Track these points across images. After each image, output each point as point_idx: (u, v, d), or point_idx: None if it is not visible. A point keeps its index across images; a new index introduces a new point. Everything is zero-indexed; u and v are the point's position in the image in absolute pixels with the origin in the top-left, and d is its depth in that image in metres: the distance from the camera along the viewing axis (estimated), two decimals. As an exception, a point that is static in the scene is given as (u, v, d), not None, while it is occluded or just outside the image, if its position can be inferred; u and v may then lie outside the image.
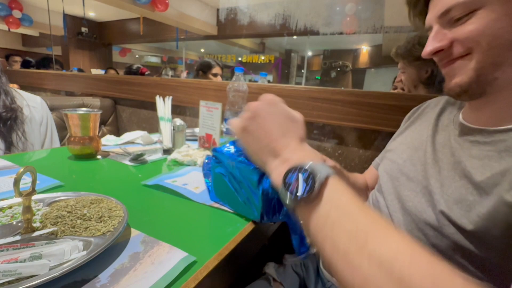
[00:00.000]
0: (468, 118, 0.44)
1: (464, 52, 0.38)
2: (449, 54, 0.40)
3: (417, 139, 0.51)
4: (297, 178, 0.29)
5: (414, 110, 0.61)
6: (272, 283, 0.56)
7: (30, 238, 0.32)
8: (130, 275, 0.30)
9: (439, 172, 0.43)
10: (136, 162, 0.71)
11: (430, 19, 0.42)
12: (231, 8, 4.71)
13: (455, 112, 0.49)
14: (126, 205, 0.40)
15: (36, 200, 0.40)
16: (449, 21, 0.39)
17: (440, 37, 0.40)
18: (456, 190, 0.38)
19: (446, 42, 0.39)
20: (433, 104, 0.56)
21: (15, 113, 0.83)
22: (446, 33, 0.39)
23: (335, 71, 6.54)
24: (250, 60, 6.95)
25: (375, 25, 3.58)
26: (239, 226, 0.43)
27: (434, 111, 0.53)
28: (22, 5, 4.77)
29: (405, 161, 0.50)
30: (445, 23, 0.40)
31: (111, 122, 1.61)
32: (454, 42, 0.39)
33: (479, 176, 0.36)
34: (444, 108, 0.52)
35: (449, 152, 0.43)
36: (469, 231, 0.35)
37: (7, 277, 0.25)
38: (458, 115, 0.47)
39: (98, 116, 0.73)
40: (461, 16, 0.37)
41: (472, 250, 0.36)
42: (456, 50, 0.39)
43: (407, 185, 0.47)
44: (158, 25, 4.90)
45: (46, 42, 6.08)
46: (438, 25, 0.40)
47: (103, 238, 0.33)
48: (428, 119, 0.53)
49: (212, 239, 0.39)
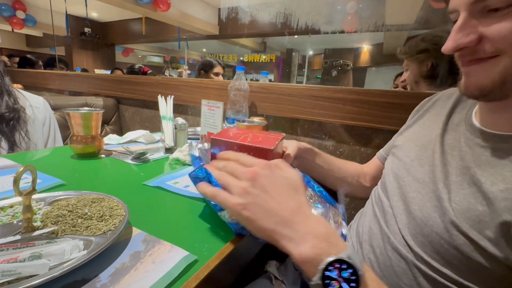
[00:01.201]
0: (481, 120, 0.40)
1: (492, 54, 0.33)
2: (474, 51, 0.34)
3: (426, 136, 0.48)
4: (339, 275, 0.27)
5: (424, 102, 0.57)
6: (274, 281, 0.56)
7: (30, 237, 0.32)
8: (131, 274, 0.29)
9: (447, 177, 0.39)
10: (138, 161, 0.71)
11: (460, 2, 0.34)
12: (232, 7, 4.71)
13: (467, 108, 0.45)
14: (128, 204, 0.40)
15: (37, 199, 0.40)
16: (482, 10, 0.32)
17: (468, 30, 0.33)
18: (464, 198, 0.36)
19: (474, 37, 0.33)
20: (445, 97, 0.52)
21: (17, 113, 0.83)
22: (476, 25, 0.33)
23: (336, 70, 6.52)
24: (251, 59, 6.95)
25: (376, 23, 3.56)
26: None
27: (446, 106, 0.49)
28: (25, 6, 4.80)
29: (412, 161, 0.47)
30: (476, 12, 0.33)
31: (114, 122, 1.61)
32: (484, 38, 0.32)
33: (490, 186, 0.33)
34: (457, 103, 0.48)
35: (458, 156, 0.40)
36: (479, 244, 0.33)
37: (6, 277, 0.25)
38: (470, 114, 0.43)
39: (100, 115, 0.73)
40: (500, 6, 0.30)
41: (482, 263, 0.33)
42: (484, 49, 0.33)
43: (413, 186, 0.44)
44: (160, 25, 4.91)
45: (49, 42, 6.13)
46: (467, 13, 0.33)
47: (104, 237, 0.33)
48: (439, 114, 0.49)
49: (213, 238, 0.39)
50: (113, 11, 4.88)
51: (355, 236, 0.52)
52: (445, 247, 0.36)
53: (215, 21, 5.03)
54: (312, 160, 0.64)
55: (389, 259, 0.42)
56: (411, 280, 0.39)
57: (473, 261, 0.34)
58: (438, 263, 0.37)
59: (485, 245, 0.33)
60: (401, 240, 0.42)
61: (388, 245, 0.43)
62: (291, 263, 0.61)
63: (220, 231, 0.41)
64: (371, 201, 0.55)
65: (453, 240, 0.35)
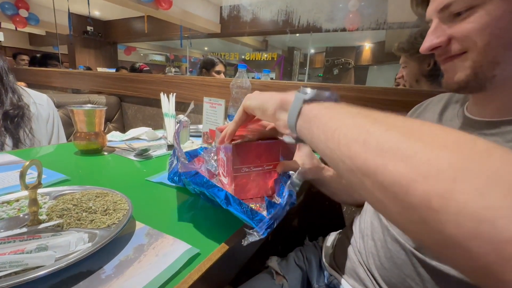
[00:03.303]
0: (472, 112, 0.43)
1: (460, 51, 0.38)
2: (446, 51, 0.39)
3: None
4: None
5: (417, 107, 0.60)
6: (275, 276, 0.57)
7: (36, 230, 0.32)
8: (135, 266, 0.30)
9: None
10: (141, 158, 0.71)
11: (430, 12, 0.41)
12: (234, 5, 4.70)
13: (459, 107, 0.48)
14: (131, 198, 0.41)
15: (43, 193, 0.41)
16: (449, 15, 0.38)
17: (438, 33, 0.39)
18: None
19: (444, 38, 0.38)
20: (436, 101, 0.55)
21: (22, 111, 0.84)
22: (445, 28, 0.38)
23: (338, 68, 6.50)
24: (253, 58, 6.94)
25: (378, 21, 3.54)
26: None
27: (437, 108, 0.52)
28: (28, 4, 4.81)
29: None
30: (444, 18, 0.39)
31: (116, 119, 1.62)
32: (452, 39, 0.38)
33: None
34: (447, 104, 0.51)
35: None
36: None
37: (13, 268, 0.26)
38: (462, 110, 0.46)
39: (103, 112, 0.74)
40: (461, 11, 0.36)
41: None
42: (453, 48, 0.38)
43: None
44: (162, 23, 4.91)
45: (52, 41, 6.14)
46: (438, 20, 0.39)
47: (108, 231, 0.33)
48: (431, 115, 0.52)
49: (216, 232, 0.39)
50: (116, 10, 4.90)
51: (359, 232, 0.53)
52: None
53: (217, 19, 5.02)
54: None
55: (390, 251, 0.43)
56: (411, 271, 0.40)
57: None
58: None
59: None
60: (399, 230, 0.43)
61: (388, 237, 0.44)
62: (293, 259, 0.61)
63: (222, 226, 0.41)
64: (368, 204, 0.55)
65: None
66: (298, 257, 0.62)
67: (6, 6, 4.54)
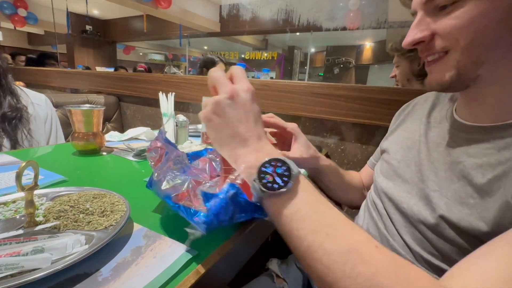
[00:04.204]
0: (462, 115, 0.42)
1: (442, 49, 0.37)
2: (429, 47, 0.38)
3: (409, 138, 0.50)
4: (274, 171, 0.30)
5: (404, 107, 0.59)
6: (275, 279, 0.56)
7: (32, 232, 0.32)
8: (132, 269, 0.30)
9: (435, 174, 0.41)
10: (140, 158, 0.71)
11: (415, 4, 0.39)
12: (234, 4, 4.69)
13: (447, 107, 0.47)
14: (129, 199, 0.40)
15: (40, 194, 0.41)
16: (434, 8, 0.36)
17: (422, 27, 0.37)
18: (456, 192, 0.37)
19: (427, 33, 0.37)
20: (422, 100, 0.55)
21: (20, 113, 0.84)
22: (429, 22, 0.37)
23: (338, 68, 6.50)
24: (253, 57, 6.93)
25: (379, 20, 3.54)
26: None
27: (424, 109, 0.51)
28: (27, 4, 4.80)
29: (399, 162, 0.48)
30: (430, 11, 0.37)
31: (115, 119, 1.62)
32: (436, 35, 0.37)
33: (480, 178, 0.35)
34: (434, 104, 0.50)
35: (444, 152, 0.42)
36: (472, 235, 0.34)
37: (9, 270, 0.26)
38: (451, 111, 0.45)
39: (101, 112, 0.73)
40: (446, 3, 0.35)
41: None
42: (436, 44, 0.37)
43: (402, 187, 0.45)
44: (162, 22, 4.91)
45: (51, 40, 6.13)
46: (423, 12, 0.38)
47: (105, 232, 0.33)
48: (419, 117, 0.51)
49: (214, 234, 0.39)
50: (114, 9, 4.88)
51: None
52: (441, 241, 0.38)
53: (216, 18, 5.01)
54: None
55: None
56: None
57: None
58: (437, 259, 0.38)
59: (477, 237, 0.34)
60: (400, 241, 0.43)
61: (388, 247, 0.44)
62: (293, 261, 0.61)
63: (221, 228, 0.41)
64: (366, 205, 0.55)
65: (446, 233, 0.37)
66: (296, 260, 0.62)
67: (4, 5, 4.54)
